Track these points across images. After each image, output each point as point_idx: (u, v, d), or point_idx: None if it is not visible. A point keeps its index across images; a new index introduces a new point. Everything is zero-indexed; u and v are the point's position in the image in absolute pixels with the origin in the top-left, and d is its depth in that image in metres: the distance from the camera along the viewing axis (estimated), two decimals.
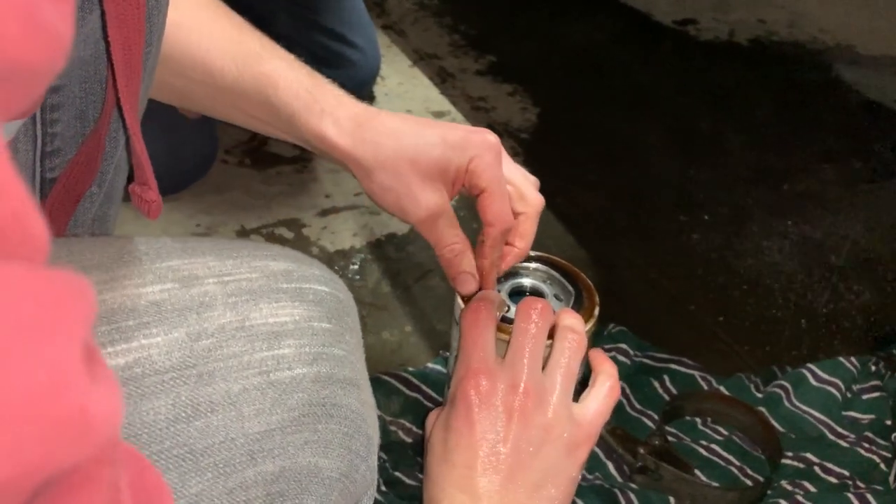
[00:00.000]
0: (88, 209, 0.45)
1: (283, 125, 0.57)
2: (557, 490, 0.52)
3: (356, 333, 0.43)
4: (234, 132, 1.25)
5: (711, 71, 1.59)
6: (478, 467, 0.50)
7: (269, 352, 0.37)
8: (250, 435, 0.35)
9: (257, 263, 0.39)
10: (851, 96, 1.52)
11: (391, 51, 1.54)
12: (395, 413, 0.79)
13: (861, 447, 0.80)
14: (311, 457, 0.37)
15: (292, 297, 0.39)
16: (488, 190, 0.56)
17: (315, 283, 0.41)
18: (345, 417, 0.39)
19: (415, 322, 0.95)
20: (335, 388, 0.39)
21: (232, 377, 0.35)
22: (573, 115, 1.41)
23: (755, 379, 0.87)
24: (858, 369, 0.86)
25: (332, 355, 0.39)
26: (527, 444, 0.51)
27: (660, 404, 0.83)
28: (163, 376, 0.34)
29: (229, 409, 0.35)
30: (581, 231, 1.11)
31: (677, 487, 0.74)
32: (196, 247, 0.39)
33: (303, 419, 0.37)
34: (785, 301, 1.02)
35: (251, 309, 0.37)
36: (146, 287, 0.36)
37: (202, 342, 0.35)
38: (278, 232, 1.07)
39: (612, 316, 0.94)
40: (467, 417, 0.51)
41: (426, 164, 0.54)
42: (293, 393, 0.37)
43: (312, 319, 0.39)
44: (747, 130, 1.40)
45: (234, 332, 0.36)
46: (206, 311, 0.36)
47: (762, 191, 1.24)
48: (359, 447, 0.40)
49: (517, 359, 0.52)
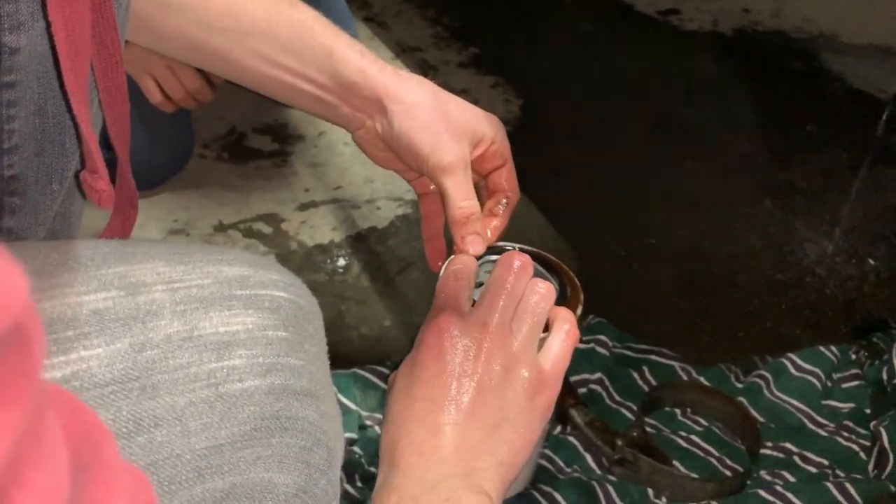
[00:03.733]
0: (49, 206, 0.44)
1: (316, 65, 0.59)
2: (516, 433, 0.50)
3: (318, 341, 0.41)
4: (212, 126, 1.24)
5: (695, 61, 1.58)
6: (439, 400, 0.49)
7: (218, 363, 0.35)
8: (197, 451, 0.33)
9: (210, 269, 0.37)
10: (836, 85, 1.52)
11: (373, 43, 1.53)
12: (372, 408, 0.79)
13: (840, 436, 0.80)
14: (264, 472, 0.35)
15: (246, 304, 0.37)
16: (509, 163, 0.64)
17: (273, 288, 0.39)
18: (302, 430, 0.37)
19: (394, 316, 0.94)
20: (290, 400, 0.37)
21: (178, 390, 0.34)
22: (556, 106, 1.41)
23: (735, 369, 0.87)
24: (838, 358, 0.86)
25: (288, 365, 0.37)
26: (488, 381, 0.50)
27: (639, 395, 0.82)
28: (103, 390, 0.32)
29: (174, 423, 0.33)
30: (563, 222, 1.11)
31: (656, 479, 0.74)
32: (146, 251, 0.37)
33: (254, 433, 0.35)
34: (766, 291, 1.01)
35: (201, 318, 0.35)
36: (89, 295, 0.34)
37: (146, 353, 0.33)
38: (257, 227, 1.06)
39: (593, 307, 0.93)
40: (436, 350, 0.50)
41: (459, 120, 0.60)
42: (244, 406, 0.35)
43: (267, 328, 0.37)
44: (730, 120, 1.39)
45: (182, 342, 0.34)
46: (153, 321, 0.34)
47: (745, 181, 1.23)
48: (318, 461, 0.38)
49: (491, 304, 0.52)
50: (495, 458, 0.49)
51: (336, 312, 0.93)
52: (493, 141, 0.63)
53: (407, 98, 0.59)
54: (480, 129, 0.62)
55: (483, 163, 0.64)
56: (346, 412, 0.77)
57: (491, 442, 0.49)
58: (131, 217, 0.47)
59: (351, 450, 0.74)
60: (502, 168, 0.64)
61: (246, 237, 1.04)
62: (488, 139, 0.63)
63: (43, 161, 0.42)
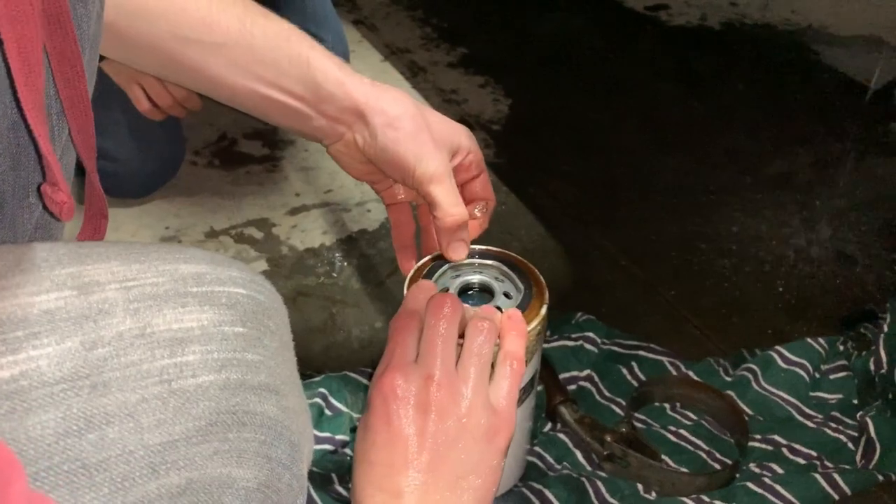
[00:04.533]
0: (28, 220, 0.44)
1: (293, 77, 0.59)
2: (480, 479, 0.51)
3: (279, 337, 0.41)
4: (203, 133, 1.24)
5: (684, 56, 1.58)
6: (396, 464, 0.49)
7: (171, 359, 0.35)
8: (151, 447, 0.33)
9: (165, 267, 0.37)
10: (825, 77, 1.53)
11: (362, 46, 1.54)
12: (363, 410, 0.79)
13: (828, 427, 0.80)
14: (221, 467, 0.35)
15: (201, 301, 0.37)
16: (484, 172, 0.67)
17: (230, 285, 0.39)
18: (261, 425, 0.37)
19: (386, 318, 0.94)
20: (248, 394, 0.37)
21: (129, 387, 0.33)
22: (545, 104, 1.41)
23: (724, 363, 0.87)
24: (826, 350, 0.87)
25: (245, 360, 0.37)
26: (444, 437, 0.50)
27: (629, 391, 0.83)
28: (52, 388, 0.32)
29: (126, 420, 0.33)
30: (552, 220, 1.11)
31: (645, 474, 0.74)
32: (102, 252, 0.37)
33: (210, 428, 0.35)
34: (755, 284, 1.02)
35: (154, 315, 0.35)
36: (40, 295, 0.34)
37: (97, 351, 0.33)
38: (248, 232, 1.07)
39: (582, 304, 0.94)
40: (383, 414, 0.51)
41: (437, 131, 0.62)
42: (198, 401, 0.35)
43: (223, 324, 0.37)
44: (720, 115, 1.40)
45: (134, 339, 0.34)
46: (104, 319, 0.34)
47: (734, 175, 1.24)
48: (280, 455, 0.38)
49: (429, 353, 0.52)
50: None
51: (328, 315, 0.94)
52: (469, 151, 0.65)
53: (389, 110, 0.60)
54: (457, 139, 0.64)
55: (460, 173, 0.66)
56: (337, 414, 0.78)
57: (455, 495, 0.50)
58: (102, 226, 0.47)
59: (343, 452, 0.75)
60: (477, 178, 0.67)
61: (237, 243, 1.05)
62: (464, 150, 0.65)
63: (19, 175, 0.42)
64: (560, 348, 0.86)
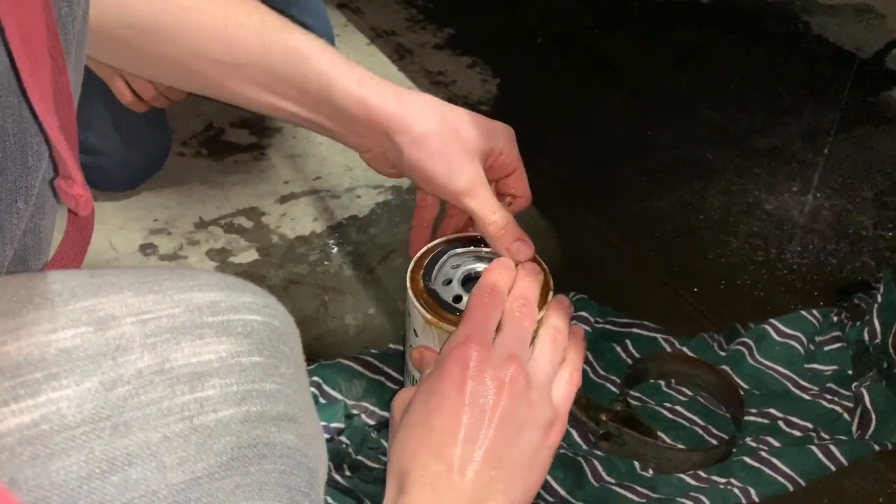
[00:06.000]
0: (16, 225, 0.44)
1: (314, 96, 0.59)
2: (532, 472, 0.52)
3: (294, 362, 0.40)
4: (189, 123, 1.23)
5: (673, 31, 1.57)
6: (460, 434, 0.49)
7: (191, 395, 0.34)
8: (174, 485, 0.33)
9: (181, 297, 0.36)
10: (816, 48, 1.52)
11: (347, 30, 1.52)
12: (358, 396, 0.79)
13: (824, 399, 0.80)
14: (244, 501, 0.35)
15: (218, 331, 0.36)
16: (520, 169, 0.66)
17: (245, 312, 0.38)
18: (281, 455, 0.37)
19: (378, 304, 0.94)
20: (268, 426, 0.36)
21: (151, 426, 0.33)
22: (534, 84, 1.40)
23: (718, 338, 0.87)
24: (820, 321, 0.86)
25: (264, 391, 0.37)
26: (512, 419, 0.50)
27: (623, 369, 0.83)
28: (73, 431, 0.32)
29: (149, 460, 0.33)
30: (544, 201, 1.10)
31: (641, 451, 0.74)
32: (115, 281, 0.36)
33: (232, 463, 0.35)
34: (748, 258, 1.02)
35: (172, 349, 0.35)
36: (56, 333, 0.33)
37: (118, 390, 0.33)
38: (238, 222, 1.06)
39: (575, 283, 0.93)
40: (458, 381, 0.50)
41: (468, 139, 0.60)
42: (220, 437, 0.34)
43: (241, 354, 0.36)
44: (710, 89, 1.39)
45: (153, 376, 0.34)
46: (123, 356, 0.33)
47: (726, 149, 1.23)
48: (299, 483, 0.37)
49: (512, 338, 0.53)
50: (508, 497, 0.50)
51: (320, 303, 0.94)
52: (503, 151, 0.64)
53: (413, 128, 0.59)
54: (489, 143, 0.62)
55: (491, 172, 0.65)
56: (331, 402, 0.77)
57: (507, 482, 0.50)
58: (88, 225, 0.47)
59: (339, 440, 0.75)
60: (512, 175, 0.66)
61: (227, 233, 1.04)
62: (497, 150, 0.63)
63: (6, 180, 0.41)
64: None
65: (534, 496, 0.53)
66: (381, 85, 0.59)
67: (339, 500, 0.68)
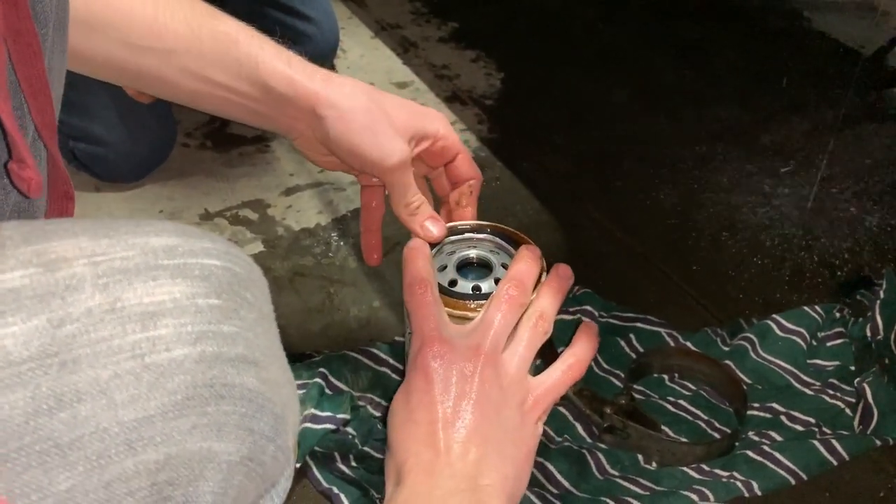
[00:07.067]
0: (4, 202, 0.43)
1: (244, 78, 0.59)
2: (516, 448, 0.54)
3: (257, 308, 0.39)
4: (194, 115, 1.23)
5: (676, 25, 1.57)
6: (440, 421, 0.52)
7: (143, 334, 0.33)
8: (125, 423, 0.32)
9: (135, 240, 0.35)
10: (819, 43, 1.52)
11: (352, 22, 1.52)
12: (364, 388, 0.79)
13: (826, 394, 0.81)
14: (201, 441, 0.34)
15: (173, 273, 0.35)
16: (463, 152, 0.67)
17: (204, 257, 0.37)
18: (241, 397, 0.36)
19: (383, 296, 0.94)
20: (225, 367, 0.36)
21: (100, 363, 0.32)
22: (538, 77, 1.40)
23: (722, 332, 0.88)
24: (823, 317, 0.87)
25: (220, 332, 0.36)
26: (487, 402, 0.53)
27: (627, 363, 0.83)
28: (19, 367, 0.31)
29: (99, 397, 0.32)
30: (547, 194, 1.11)
31: (645, 445, 0.75)
32: (70, 228, 0.35)
33: (187, 402, 0.34)
34: (752, 253, 1.02)
35: (124, 289, 0.34)
36: (4, 274, 0.32)
37: (66, 328, 0.32)
38: (243, 214, 1.06)
39: (579, 278, 0.93)
40: (426, 377, 0.53)
41: (396, 117, 0.61)
42: (173, 375, 0.34)
43: (197, 296, 0.35)
44: (713, 83, 1.39)
45: (103, 314, 0.33)
46: (72, 295, 0.33)
47: (728, 144, 1.23)
48: (263, 427, 0.37)
49: (484, 329, 0.55)
50: (500, 473, 0.52)
51: (325, 295, 0.94)
52: (438, 137, 0.65)
53: (340, 103, 0.60)
54: (421, 126, 0.63)
55: (433, 158, 0.66)
56: (337, 394, 0.78)
57: (496, 457, 0.53)
58: (69, 209, 0.47)
59: (345, 431, 0.75)
60: (455, 160, 0.67)
61: (232, 224, 1.05)
62: (431, 135, 0.64)
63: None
64: (558, 322, 0.86)
65: (527, 477, 0.55)
66: (310, 66, 0.61)
67: (346, 490, 0.69)
